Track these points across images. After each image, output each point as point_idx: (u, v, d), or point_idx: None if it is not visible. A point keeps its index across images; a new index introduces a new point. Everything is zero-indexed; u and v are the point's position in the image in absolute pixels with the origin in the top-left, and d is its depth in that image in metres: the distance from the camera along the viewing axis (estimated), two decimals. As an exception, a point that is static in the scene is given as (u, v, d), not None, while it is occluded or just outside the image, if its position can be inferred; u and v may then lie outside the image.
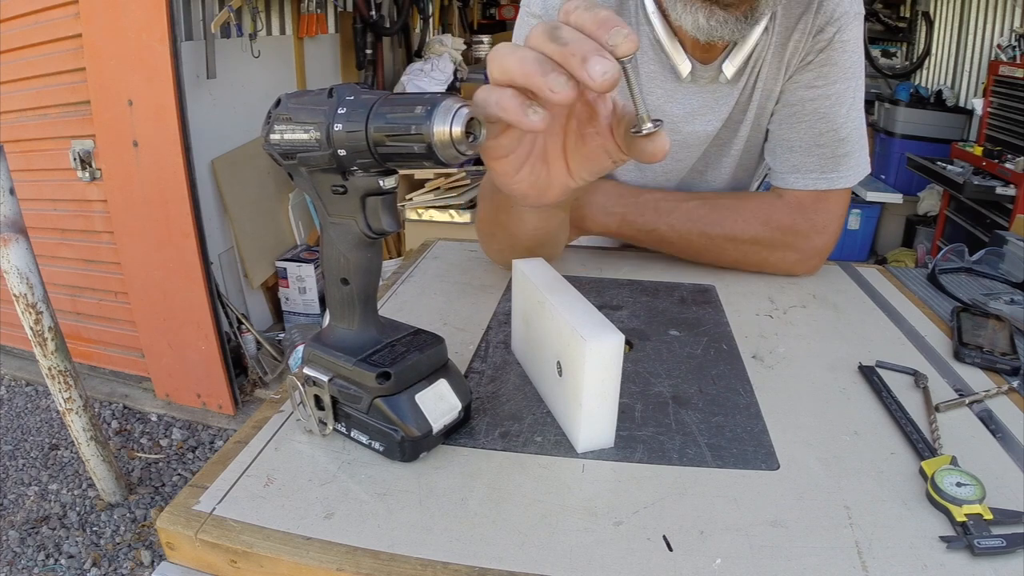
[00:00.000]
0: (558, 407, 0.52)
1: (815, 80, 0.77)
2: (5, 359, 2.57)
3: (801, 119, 0.79)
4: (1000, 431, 0.52)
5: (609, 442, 0.50)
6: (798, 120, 0.80)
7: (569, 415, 0.50)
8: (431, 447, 0.48)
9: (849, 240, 3.64)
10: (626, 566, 0.39)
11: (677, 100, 0.81)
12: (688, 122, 0.82)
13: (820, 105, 0.78)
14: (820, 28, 0.75)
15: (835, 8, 0.74)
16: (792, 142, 0.81)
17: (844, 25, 0.75)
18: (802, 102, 0.79)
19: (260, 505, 0.44)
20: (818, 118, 0.78)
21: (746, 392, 0.57)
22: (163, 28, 1.83)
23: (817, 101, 0.78)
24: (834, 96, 0.77)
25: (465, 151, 0.40)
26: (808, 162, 0.80)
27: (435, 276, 0.82)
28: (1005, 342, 0.65)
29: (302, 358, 0.51)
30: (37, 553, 1.69)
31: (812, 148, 0.80)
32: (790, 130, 0.81)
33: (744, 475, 0.47)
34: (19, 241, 1.57)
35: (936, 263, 0.89)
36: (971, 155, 2.90)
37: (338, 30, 3.24)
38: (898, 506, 0.44)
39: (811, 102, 0.78)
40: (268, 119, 0.46)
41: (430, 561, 0.39)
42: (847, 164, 0.80)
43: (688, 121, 0.82)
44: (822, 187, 0.80)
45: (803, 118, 0.79)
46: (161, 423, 2.26)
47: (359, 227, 0.46)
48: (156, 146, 1.95)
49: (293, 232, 2.86)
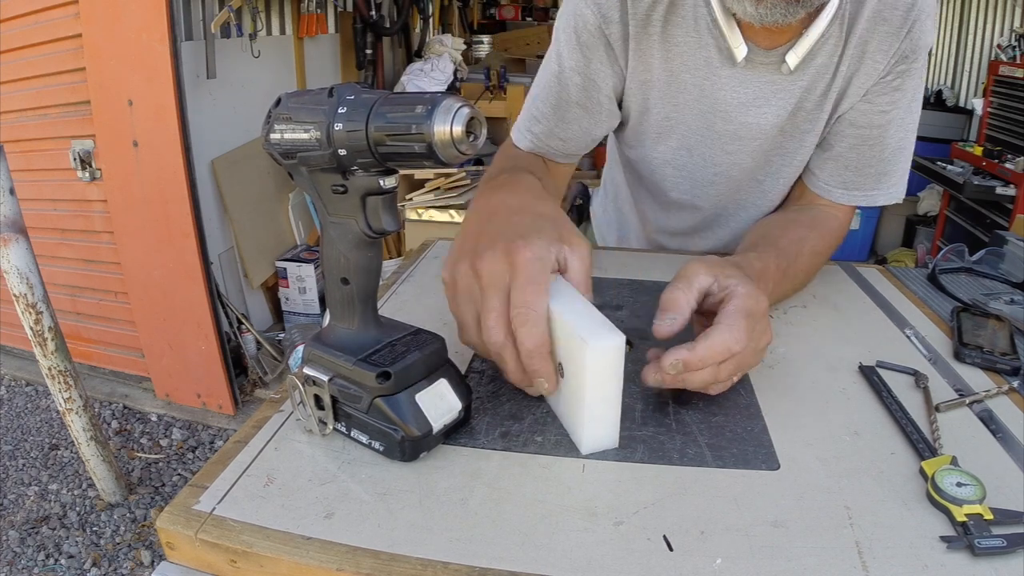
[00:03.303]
0: (560, 408, 0.52)
1: (887, 105, 0.75)
2: (5, 359, 2.57)
3: (864, 141, 0.78)
4: (1000, 431, 0.52)
5: (613, 443, 0.50)
6: (861, 142, 0.78)
7: (572, 417, 0.50)
8: (431, 447, 0.48)
9: (849, 240, 3.60)
10: (626, 566, 0.39)
11: (731, 86, 0.76)
12: (742, 111, 0.78)
13: (884, 131, 0.77)
14: (905, 55, 0.73)
15: (921, 37, 0.72)
16: (850, 161, 0.80)
17: (923, 54, 0.73)
18: (870, 126, 0.77)
19: (260, 505, 0.44)
20: (876, 141, 0.77)
21: (746, 392, 0.57)
22: (163, 28, 1.83)
23: (882, 127, 0.76)
24: (896, 121, 0.76)
25: (465, 151, 0.40)
26: (858, 181, 0.80)
27: (435, 276, 0.82)
28: (1005, 342, 0.65)
29: (302, 358, 0.51)
30: (37, 553, 1.69)
31: (865, 167, 0.79)
32: (851, 150, 0.79)
33: (744, 475, 0.47)
34: (19, 241, 1.57)
35: (936, 263, 0.89)
36: (971, 155, 2.90)
37: (338, 30, 3.24)
38: (898, 506, 0.44)
39: (878, 128, 0.77)
40: (268, 118, 0.46)
41: (430, 561, 0.39)
42: (886, 183, 0.80)
43: (742, 110, 0.78)
44: (861, 203, 0.81)
45: (866, 140, 0.78)
46: (161, 423, 2.26)
47: (359, 227, 0.46)
48: (156, 146, 1.95)
49: (293, 232, 2.86)
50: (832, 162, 0.81)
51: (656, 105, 0.80)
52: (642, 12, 0.74)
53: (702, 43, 0.74)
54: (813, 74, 0.75)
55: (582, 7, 0.75)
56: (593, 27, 0.75)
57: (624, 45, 0.76)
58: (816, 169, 0.83)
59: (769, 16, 0.63)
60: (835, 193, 0.82)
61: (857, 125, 0.78)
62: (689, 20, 0.74)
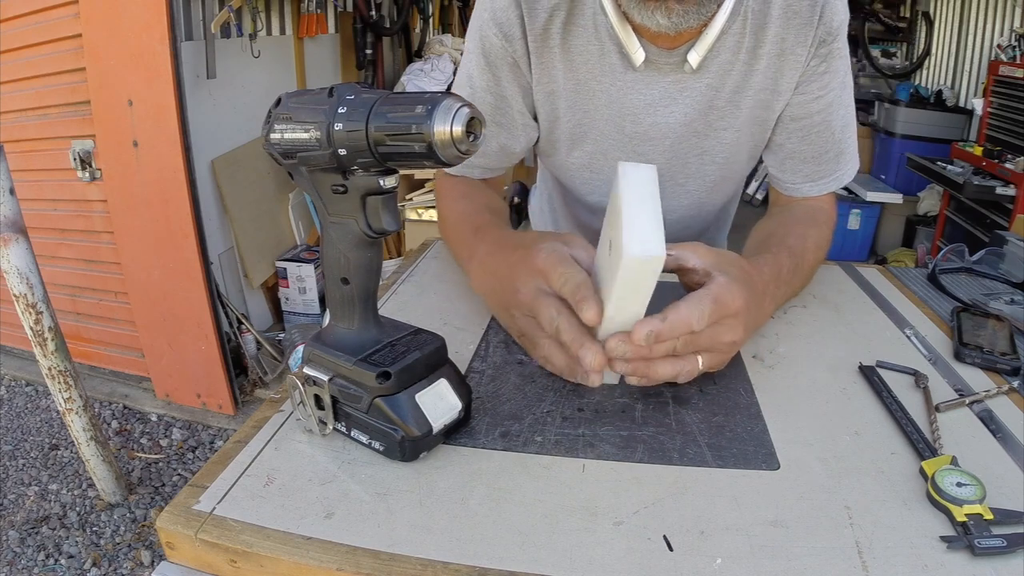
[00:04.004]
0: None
1: (820, 91, 0.77)
2: (5, 359, 2.57)
3: (810, 131, 0.80)
4: (1000, 431, 0.52)
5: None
6: (807, 133, 0.80)
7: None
8: (431, 447, 0.48)
9: (849, 240, 3.64)
10: (626, 566, 0.39)
11: (637, 89, 0.78)
12: (649, 112, 0.79)
13: (827, 115, 0.79)
14: (822, 40, 0.74)
15: (833, 18, 0.74)
16: (804, 154, 0.82)
17: (841, 32, 0.75)
18: (810, 115, 0.79)
19: (260, 505, 0.44)
20: (823, 127, 0.79)
21: (746, 392, 0.57)
22: (163, 28, 1.82)
23: (824, 112, 0.78)
24: (834, 102, 0.78)
25: (466, 151, 0.40)
26: (820, 169, 0.82)
27: (435, 276, 0.82)
28: (1005, 342, 0.65)
29: (302, 358, 0.51)
30: (37, 553, 1.69)
31: (820, 156, 0.81)
32: (801, 143, 0.81)
33: (744, 475, 0.47)
34: (19, 241, 1.57)
35: (936, 263, 0.89)
36: (971, 155, 2.90)
37: (338, 30, 3.24)
38: (898, 506, 0.44)
39: (818, 114, 0.79)
40: (268, 118, 0.46)
41: (430, 561, 0.39)
42: (844, 161, 0.83)
43: (649, 111, 0.79)
44: (832, 188, 0.84)
45: (812, 130, 0.80)
46: (161, 423, 2.26)
47: (359, 227, 0.46)
48: (156, 146, 1.95)
49: (293, 232, 2.86)
50: (789, 161, 0.83)
51: (565, 114, 0.82)
52: (540, 26, 0.76)
53: (604, 50, 0.77)
54: (717, 71, 0.77)
55: (486, 29, 0.78)
56: (498, 47, 0.78)
57: (527, 60, 0.79)
58: (778, 173, 0.86)
59: (683, 23, 0.65)
60: (804, 188, 0.84)
61: (798, 118, 0.80)
62: (589, 28, 0.76)
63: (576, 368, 0.54)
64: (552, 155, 0.90)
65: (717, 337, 0.54)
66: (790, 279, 0.70)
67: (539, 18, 0.76)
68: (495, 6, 0.76)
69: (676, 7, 0.64)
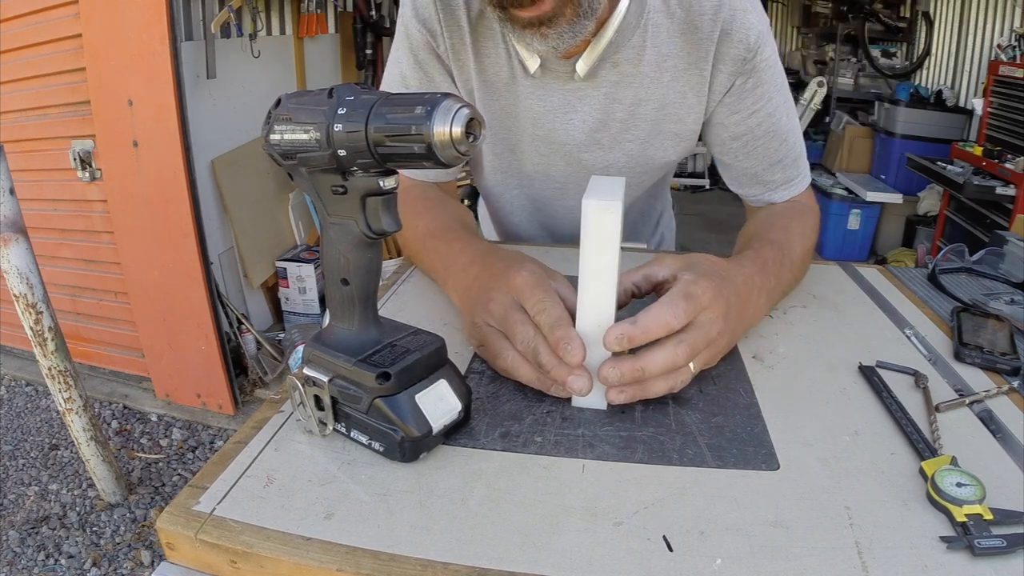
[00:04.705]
0: None
1: (754, 105, 0.78)
2: (5, 359, 2.57)
3: (756, 146, 0.81)
4: (1000, 431, 0.52)
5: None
6: (753, 148, 0.81)
7: None
8: (431, 447, 0.48)
9: (849, 240, 3.64)
10: (626, 566, 0.39)
11: (537, 95, 0.80)
12: (549, 118, 0.81)
13: (768, 126, 0.79)
14: (742, 58, 0.74)
15: (748, 33, 0.73)
16: (755, 169, 0.83)
17: (763, 44, 0.74)
18: (751, 130, 0.79)
19: (260, 505, 0.44)
20: (770, 138, 0.80)
21: (746, 392, 0.57)
22: (163, 28, 1.83)
23: (764, 124, 0.79)
24: (775, 111, 0.79)
25: (465, 151, 0.40)
26: (778, 177, 0.83)
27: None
28: (1005, 342, 0.65)
29: (302, 358, 0.51)
30: (37, 553, 1.69)
31: (775, 164, 0.82)
32: (748, 159, 0.82)
33: (744, 475, 0.47)
34: (19, 241, 1.57)
35: (936, 263, 0.89)
36: (971, 155, 2.90)
37: (338, 30, 3.24)
38: (898, 506, 0.44)
39: (758, 126, 0.79)
40: (268, 119, 0.46)
41: (430, 561, 0.39)
42: (802, 162, 0.84)
43: (549, 117, 0.81)
44: (797, 192, 0.85)
45: (757, 144, 0.80)
46: (161, 423, 2.26)
47: (359, 227, 0.46)
48: (156, 146, 1.95)
49: (293, 232, 2.86)
50: (744, 176, 0.85)
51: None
52: (455, 23, 0.77)
53: (510, 53, 0.78)
54: (616, 82, 0.77)
55: (411, 26, 0.78)
56: (424, 43, 0.79)
57: (448, 55, 0.80)
58: (739, 190, 0.88)
59: (561, 44, 0.66)
60: (770, 196, 0.85)
61: (739, 136, 0.80)
62: (496, 32, 0.77)
63: (547, 382, 0.54)
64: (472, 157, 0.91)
65: (702, 336, 0.54)
66: (778, 270, 0.69)
67: (453, 14, 0.77)
68: (416, 3, 0.77)
69: (548, 32, 0.64)
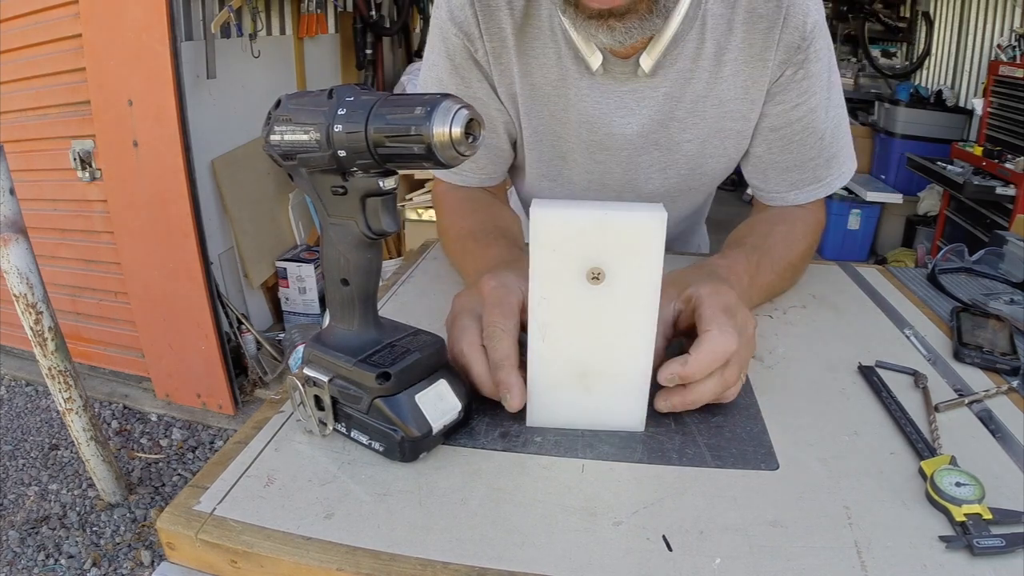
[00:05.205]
0: None
1: (798, 98, 0.74)
2: (5, 359, 2.57)
3: (792, 140, 0.76)
4: (1000, 431, 0.52)
5: None
6: (789, 142, 0.77)
7: None
8: (431, 447, 0.48)
9: (849, 240, 3.64)
10: (626, 566, 0.39)
11: (593, 97, 0.76)
12: (605, 123, 0.77)
13: (808, 121, 0.75)
14: (796, 46, 0.70)
15: (805, 20, 0.69)
16: (787, 163, 0.78)
17: (817, 35, 0.71)
18: (790, 124, 0.75)
19: (260, 505, 0.44)
20: (807, 134, 0.76)
21: (746, 392, 0.57)
22: (163, 28, 1.82)
23: (805, 119, 0.75)
24: (817, 107, 0.74)
25: (465, 152, 0.41)
26: (804, 177, 0.79)
27: (435, 276, 0.82)
28: (1005, 342, 0.65)
29: (302, 358, 0.51)
30: (37, 553, 1.69)
31: (806, 163, 0.78)
32: (782, 152, 0.78)
33: (744, 475, 0.47)
34: (19, 241, 1.57)
35: (936, 263, 0.89)
36: (971, 155, 2.90)
37: (338, 30, 3.24)
38: (898, 506, 0.44)
39: (798, 121, 0.75)
40: (268, 120, 0.46)
41: (430, 561, 0.39)
42: (836, 164, 0.79)
43: (604, 121, 0.77)
44: (821, 195, 0.80)
45: (793, 138, 0.76)
46: (161, 423, 2.26)
47: (359, 228, 0.46)
48: (156, 146, 1.95)
49: (293, 232, 2.86)
50: (771, 170, 0.80)
51: (525, 117, 0.80)
52: (495, 27, 0.74)
53: (561, 54, 0.74)
54: (676, 79, 0.74)
55: (447, 31, 0.76)
56: (461, 48, 0.76)
57: (487, 60, 0.77)
58: (759, 183, 0.82)
59: (628, 39, 0.63)
60: (789, 196, 0.80)
61: (777, 128, 0.76)
62: (546, 32, 0.74)
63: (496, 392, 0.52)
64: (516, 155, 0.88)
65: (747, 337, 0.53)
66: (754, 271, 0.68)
67: (493, 16, 0.73)
68: (451, 5, 0.74)
69: (617, 25, 0.62)
